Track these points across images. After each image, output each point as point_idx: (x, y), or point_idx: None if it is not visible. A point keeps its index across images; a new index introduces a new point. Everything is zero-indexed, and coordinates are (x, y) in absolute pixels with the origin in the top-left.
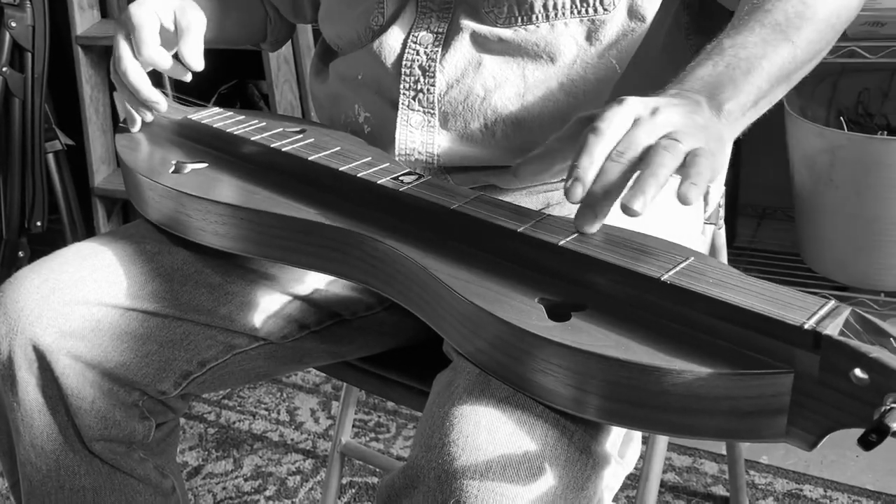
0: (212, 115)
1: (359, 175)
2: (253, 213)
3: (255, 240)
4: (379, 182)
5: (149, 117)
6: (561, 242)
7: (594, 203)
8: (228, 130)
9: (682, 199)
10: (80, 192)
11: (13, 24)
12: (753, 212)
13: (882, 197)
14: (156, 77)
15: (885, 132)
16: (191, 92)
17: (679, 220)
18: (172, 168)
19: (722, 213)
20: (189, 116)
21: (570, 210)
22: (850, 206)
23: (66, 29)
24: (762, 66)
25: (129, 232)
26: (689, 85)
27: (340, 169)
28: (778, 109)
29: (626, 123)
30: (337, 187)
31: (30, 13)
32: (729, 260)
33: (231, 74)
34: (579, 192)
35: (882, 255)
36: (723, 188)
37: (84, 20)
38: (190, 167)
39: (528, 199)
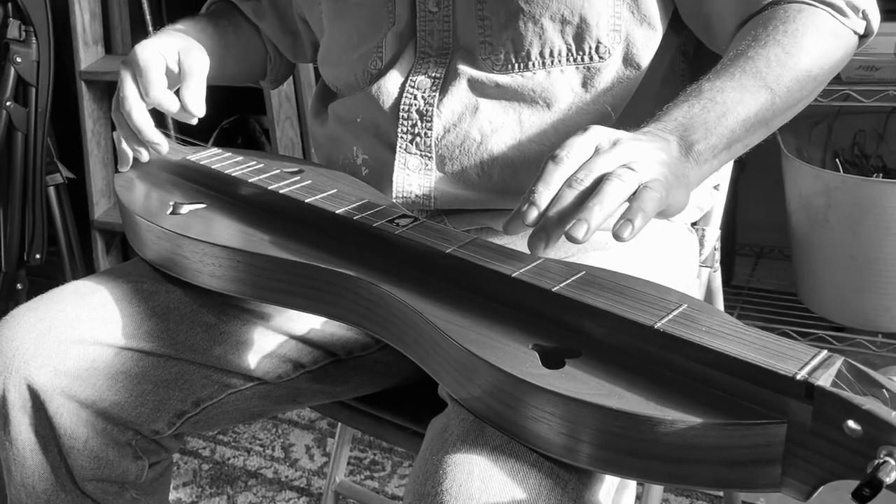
0: (210, 157)
1: (355, 218)
2: (249, 256)
3: (252, 282)
4: (374, 225)
5: (145, 157)
6: (555, 288)
7: (548, 228)
8: (226, 172)
9: (615, 236)
10: (80, 225)
11: (18, 60)
12: (751, 251)
13: (878, 239)
14: (158, 116)
15: (881, 174)
16: (193, 127)
17: (674, 263)
18: (170, 209)
19: (718, 255)
20: (188, 157)
21: (565, 252)
22: (846, 247)
23: (70, 64)
24: (737, 110)
25: (127, 270)
26: (663, 125)
27: (337, 211)
28: (774, 150)
29: (587, 152)
30: (333, 230)
31: (35, 49)
32: (726, 299)
33: (233, 110)
34: (533, 215)
35: (879, 296)
36: (718, 231)
37: (88, 56)
38: (188, 208)
39: (523, 241)
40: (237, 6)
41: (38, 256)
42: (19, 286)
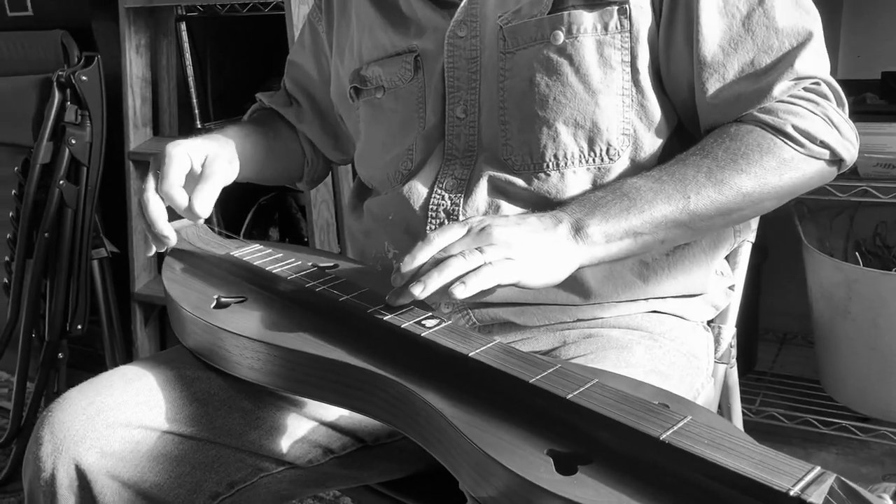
0: (252, 253)
1: (385, 318)
2: (286, 352)
3: (288, 376)
4: (402, 326)
5: (152, 250)
6: (569, 396)
7: (406, 290)
8: (267, 269)
9: (447, 295)
10: (120, 297)
11: (73, 142)
12: (774, 337)
13: None
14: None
15: None
16: (233, 203)
17: (688, 362)
18: (214, 303)
19: (734, 352)
20: (232, 253)
21: (584, 349)
22: (867, 338)
23: (120, 144)
24: (644, 209)
25: (171, 357)
26: (571, 205)
27: (368, 311)
28: (796, 238)
29: (455, 236)
30: (364, 327)
31: (89, 131)
32: (749, 386)
33: (271, 187)
34: (398, 282)
35: None
36: (734, 329)
37: (137, 137)
38: (230, 303)
39: (544, 336)
40: (278, 112)
41: (79, 327)
42: (60, 355)
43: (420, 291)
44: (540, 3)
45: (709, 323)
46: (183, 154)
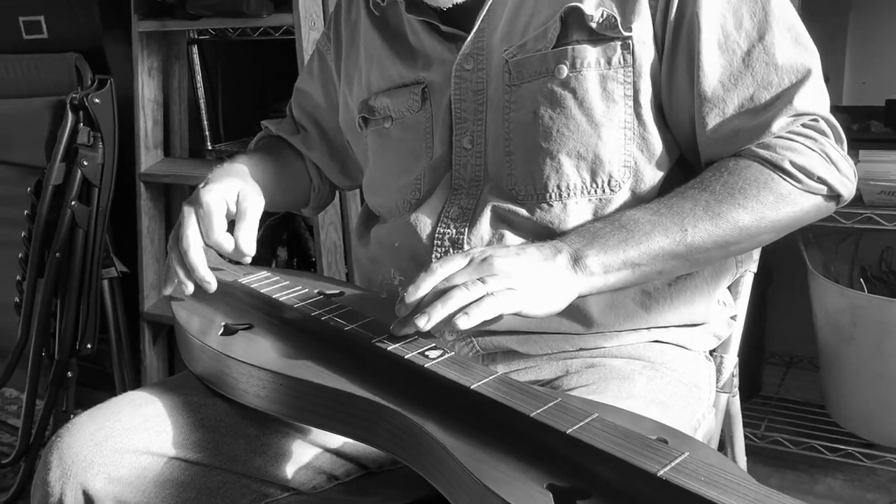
0: (260, 280)
1: (389, 349)
2: (292, 381)
3: (293, 404)
4: (406, 357)
5: (190, 290)
6: (569, 431)
7: (410, 320)
8: (274, 296)
9: (451, 326)
10: (129, 315)
11: (85, 163)
12: (780, 361)
13: None
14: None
15: None
16: None
17: (690, 393)
18: (221, 330)
19: (736, 381)
20: (240, 280)
21: (587, 378)
22: (873, 364)
23: (131, 165)
24: (642, 241)
25: (179, 383)
26: (570, 236)
27: (372, 341)
28: (802, 263)
29: (457, 266)
30: (369, 357)
31: (101, 153)
32: (754, 409)
33: None
34: (403, 312)
35: None
36: (736, 359)
37: (148, 158)
38: (237, 330)
39: (548, 364)
40: (286, 140)
41: (89, 346)
42: (70, 374)
43: (424, 323)
44: (544, 38)
45: (711, 353)
46: (220, 200)
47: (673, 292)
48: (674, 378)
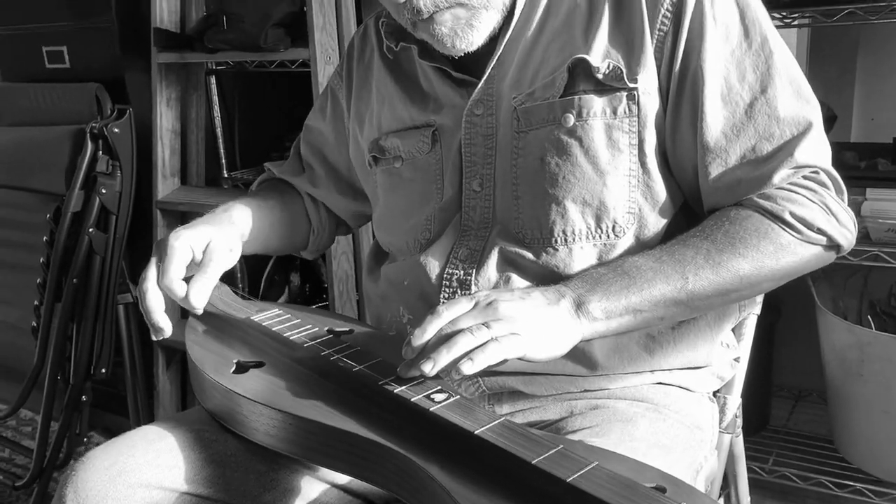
0: (271, 318)
1: (395, 391)
2: (301, 421)
3: (301, 444)
4: (412, 399)
5: (154, 335)
6: (569, 479)
7: (416, 362)
8: (284, 335)
9: (456, 370)
10: (144, 341)
11: (104, 191)
12: (789, 394)
13: None
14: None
15: None
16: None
17: (692, 435)
18: (234, 367)
19: (739, 422)
20: (251, 317)
21: (590, 420)
22: (880, 401)
23: (148, 193)
24: (643, 288)
25: (191, 418)
26: (574, 281)
27: (379, 382)
28: (809, 297)
29: (463, 309)
30: (376, 399)
31: (119, 181)
32: (763, 443)
33: None
34: (409, 354)
35: None
36: (739, 400)
37: (165, 187)
38: (249, 368)
39: (553, 405)
40: (288, 182)
41: (104, 371)
42: (84, 398)
43: (430, 369)
44: (552, 87)
45: (715, 393)
46: (185, 246)
47: (676, 336)
48: (676, 420)
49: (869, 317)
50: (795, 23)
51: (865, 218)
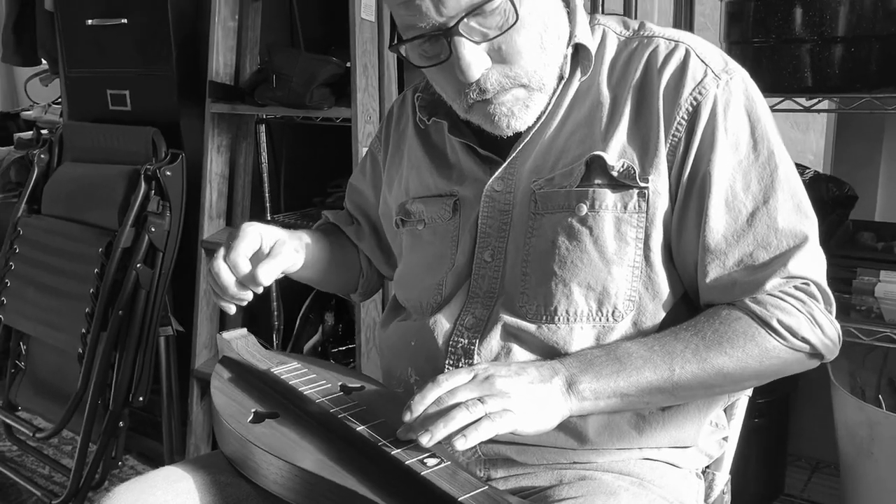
0: (290, 371)
1: (392, 453)
2: (306, 474)
3: (306, 495)
4: (406, 462)
5: (232, 309)
6: None
7: (414, 429)
8: (300, 389)
9: (451, 443)
10: (181, 371)
11: (153, 229)
12: (806, 464)
13: None
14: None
15: None
16: (293, 286)
17: None
18: (251, 417)
19: (727, 498)
20: (272, 369)
21: (576, 491)
22: (890, 480)
23: (194, 231)
24: (632, 375)
25: (210, 462)
26: (569, 359)
27: (378, 444)
28: (825, 370)
29: (462, 381)
30: (375, 458)
31: (168, 220)
32: None
33: None
34: (408, 419)
35: None
36: (728, 476)
37: (211, 227)
38: (265, 418)
39: (543, 473)
40: (341, 228)
41: (141, 399)
42: (121, 424)
43: (427, 441)
44: (570, 177)
45: (704, 470)
46: (255, 233)
47: (666, 417)
48: (659, 496)
49: (880, 396)
50: (816, 108)
51: (879, 299)
